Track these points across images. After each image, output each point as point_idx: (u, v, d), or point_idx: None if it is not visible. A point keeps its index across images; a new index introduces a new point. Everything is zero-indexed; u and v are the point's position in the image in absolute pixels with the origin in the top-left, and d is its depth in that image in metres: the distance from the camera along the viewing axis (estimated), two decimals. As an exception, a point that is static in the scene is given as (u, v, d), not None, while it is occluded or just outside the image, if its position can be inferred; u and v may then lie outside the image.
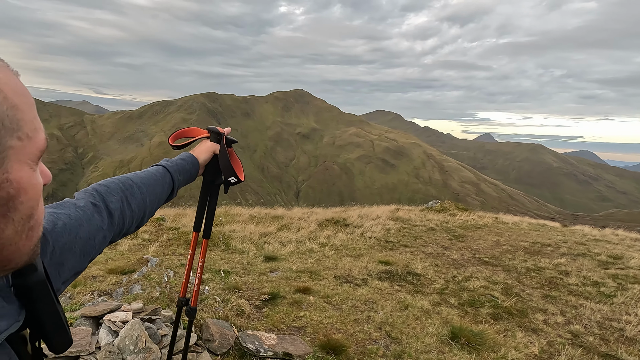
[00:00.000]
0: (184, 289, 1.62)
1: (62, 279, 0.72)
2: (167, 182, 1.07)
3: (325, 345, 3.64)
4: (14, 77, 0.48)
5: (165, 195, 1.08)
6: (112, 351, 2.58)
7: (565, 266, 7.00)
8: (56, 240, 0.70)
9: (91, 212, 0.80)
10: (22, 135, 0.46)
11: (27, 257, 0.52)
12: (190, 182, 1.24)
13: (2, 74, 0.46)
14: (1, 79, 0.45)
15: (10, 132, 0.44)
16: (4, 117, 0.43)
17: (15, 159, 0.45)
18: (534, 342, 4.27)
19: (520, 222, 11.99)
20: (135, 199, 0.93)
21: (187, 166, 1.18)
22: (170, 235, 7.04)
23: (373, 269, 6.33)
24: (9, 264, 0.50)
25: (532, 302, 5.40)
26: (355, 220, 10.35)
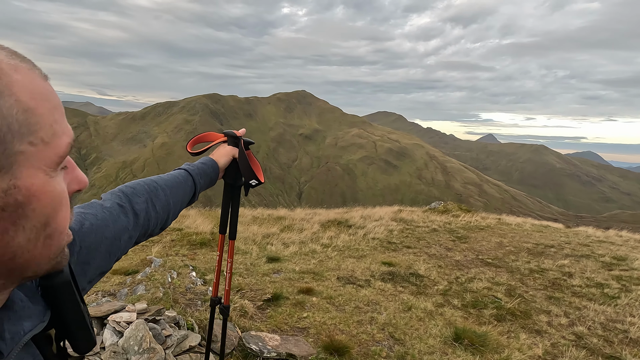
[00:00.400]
0: (215, 289, 1.66)
1: (88, 278, 0.73)
2: (189, 185, 1.09)
3: (329, 346, 3.65)
4: (38, 79, 0.47)
5: (187, 198, 1.10)
6: (117, 351, 2.59)
7: (569, 267, 6.98)
8: (83, 240, 0.71)
9: (117, 213, 0.82)
10: (35, 140, 0.44)
11: (47, 266, 0.51)
12: (211, 186, 1.26)
13: (21, 76, 0.44)
14: (18, 81, 0.44)
15: (20, 136, 0.43)
16: (12, 121, 0.42)
17: (27, 165, 0.44)
18: (537, 343, 4.26)
19: (524, 223, 11.97)
20: (160, 201, 0.94)
21: (208, 170, 1.20)
22: (174, 236, 7.06)
23: (376, 270, 6.32)
24: (25, 272, 0.49)
25: (536, 303, 5.38)
26: (357, 221, 10.36)
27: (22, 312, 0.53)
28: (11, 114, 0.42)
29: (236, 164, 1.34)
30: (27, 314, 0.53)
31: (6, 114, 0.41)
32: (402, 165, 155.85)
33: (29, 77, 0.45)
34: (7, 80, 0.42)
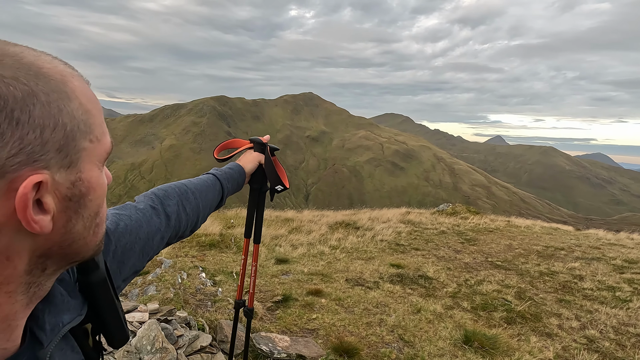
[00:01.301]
0: (239, 292, 1.69)
1: (122, 276, 0.77)
2: (217, 189, 1.13)
3: (338, 348, 3.65)
4: (86, 85, 0.52)
5: (215, 202, 1.13)
6: (130, 351, 2.62)
7: (580, 270, 6.91)
8: (118, 240, 0.75)
9: (150, 214, 0.86)
10: (93, 138, 0.50)
11: (92, 251, 0.55)
12: (237, 190, 1.29)
13: (78, 83, 0.50)
14: (77, 87, 0.49)
15: (84, 135, 0.49)
16: (79, 121, 0.48)
17: (87, 160, 0.50)
18: (548, 346, 4.22)
19: (533, 226, 11.87)
20: (190, 204, 0.98)
21: (235, 175, 1.24)
22: (183, 238, 7.11)
23: (384, 272, 6.32)
24: (76, 257, 0.53)
25: (546, 306, 5.34)
26: (365, 223, 10.34)
27: (62, 305, 0.57)
28: (78, 115, 0.48)
29: (262, 170, 1.38)
30: (66, 307, 0.57)
31: (75, 115, 0.47)
32: (409, 167, 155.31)
33: (82, 83, 0.51)
34: (72, 86, 0.48)
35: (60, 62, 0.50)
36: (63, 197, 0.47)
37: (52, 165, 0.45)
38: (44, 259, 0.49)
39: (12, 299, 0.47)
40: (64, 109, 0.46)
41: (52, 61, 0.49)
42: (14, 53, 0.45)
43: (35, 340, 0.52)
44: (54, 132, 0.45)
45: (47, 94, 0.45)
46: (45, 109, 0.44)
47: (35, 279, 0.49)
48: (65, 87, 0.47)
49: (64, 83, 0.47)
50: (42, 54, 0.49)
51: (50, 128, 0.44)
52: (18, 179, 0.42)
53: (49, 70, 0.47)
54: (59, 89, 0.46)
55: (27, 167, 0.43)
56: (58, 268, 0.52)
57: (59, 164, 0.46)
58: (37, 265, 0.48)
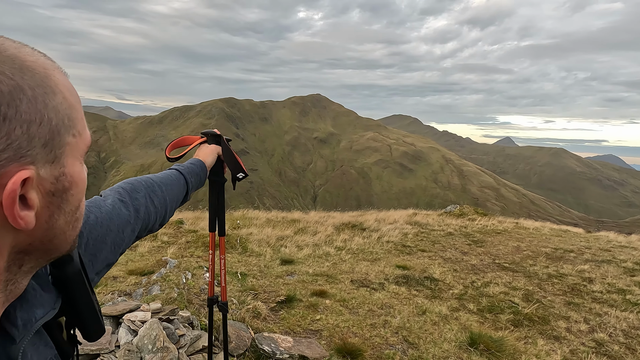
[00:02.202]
0: (211, 288, 1.69)
1: (95, 270, 0.76)
2: (182, 184, 1.13)
3: (342, 349, 3.63)
4: (67, 78, 0.52)
5: (181, 196, 1.13)
6: (131, 350, 2.63)
7: (589, 273, 6.81)
8: (90, 233, 0.75)
9: (119, 207, 0.85)
10: (75, 132, 0.50)
11: (69, 246, 0.55)
12: (200, 186, 1.30)
13: (60, 76, 0.50)
14: (60, 80, 0.49)
15: (68, 129, 0.49)
16: (64, 115, 0.48)
17: (70, 154, 0.50)
18: (556, 350, 4.16)
19: (542, 228, 11.73)
20: (157, 197, 0.98)
21: (197, 170, 1.24)
22: (189, 238, 7.13)
23: (390, 273, 6.27)
24: (55, 252, 0.53)
25: (554, 309, 5.26)
26: (372, 224, 10.30)
27: (34, 300, 0.55)
28: (63, 109, 0.48)
29: (219, 162, 1.38)
30: (39, 302, 0.56)
31: (59, 109, 0.47)
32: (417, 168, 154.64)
33: (63, 76, 0.51)
34: (55, 80, 0.48)
35: (41, 55, 0.49)
36: (47, 192, 0.47)
37: (37, 160, 0.45)
38: (22, 255, 0.48)
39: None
40: (49, 103, 0.46)
41: (33, 53, 0.48)
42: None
43: (7, 336, 0.50)
44: (40, 127, 0.44)
45: (32, 89, 0.44)
46: (32, 103, 0.44)
47: (12, 276, 0.48)
48: (49, 80, 0.47)
49: (48, 77, 0.47)
50: (22, 45, 0.48)
51: (36, 123, 0.44)
52: (5, 175, 0.42)
53: (32, 64, 0.46)
54: (43, 83, 0.46)
55: (14, 163, 0.42)
56: (36, 265, 0.52)
57: (44, 159, 0.45)
58: (15, 261, 0.48)
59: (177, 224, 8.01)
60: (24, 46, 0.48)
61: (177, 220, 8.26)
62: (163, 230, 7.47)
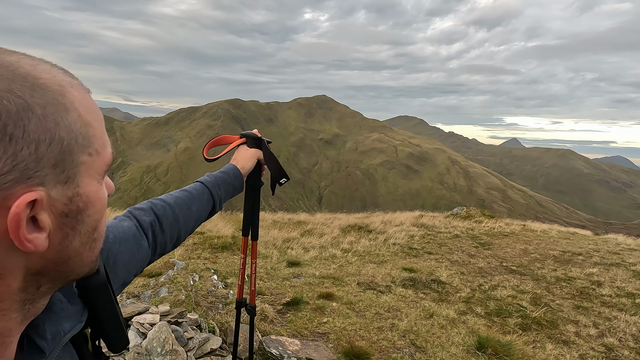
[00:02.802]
0: (240, 291, 1.68)
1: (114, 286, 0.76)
2: (205, 198, 1.09)
3: (349, 352, 3.62)
4: (87, 94, 0.51)
5: (205, 212, 1.09)
6: (140, 352, 2.64)
7: (598, 276, 6.74)
8: (110, 250, 0.75)
9: (134, 230, 0.85)
10: (92, 151, 0.48)
11: (88, 268, 0.54)
12: (236, 194, 1.25)
13: (77, 93, 0.48)
14: (77, 97, 0.48)
15: (83, 148, 0.47)
16: (77, 134, 0.46)
17: (86, 174, 0.48)
18: (565, 354, 4.12)
19: (550, 230, 11.65)
20: (167, 219, 0.95)
21: (229, 179, 1.18)
22: (196, 240, 7.17)
23: (397, 275, 6.26)
24: (72, 274, 0.52)
25: (563, 312, 5.22)
26: (378, 226, 10.28)
27: (62, 313, 0.56)
28: (77, 128, 0.46)
29: (257, 166, 1.34)
30: (66, 315, 0.56)
31: (73, 128, 0.45)
32: (423, 170, 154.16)
33: (82, 93, 0.49)
34: (71, 97, 0.46)
35: (60, 71, 0.48)
36: (59, 213, 0.45)
37: (47, 181, 0.43)
38: (38, 277, 0.47)
39: (7, 316, 0.46)
40: (61, 122, 0.44)
41: (51, 70, 0.47)
42: (9, 63, 0.43)
43: (36, 349, 0.51)
44: (50, 147, 0.43)
45: (43, 107, 0.42)
46: (41, 122, 0.42)
47: (29, 297, 0.48)
48: (63, 98, 0.45)
49: (62, 94, 0.45)
50: (41, 62, 0.47)
51: (45, 143, 0.42)
52: (11, 197, 0.40)
53: (47, 81, 0.45)
54: (56, 101, 0.44)
55: (21, 185, 0.41)
56: (53, 286, 0.51)
57: (55, 179, 0.44)
58: (32, 283, 0.47)
59: (184, 226, 8.05)
60: (43, 63, 0.47)
61: (184, 222, 8.30)
62: (170, 231, 7.50)
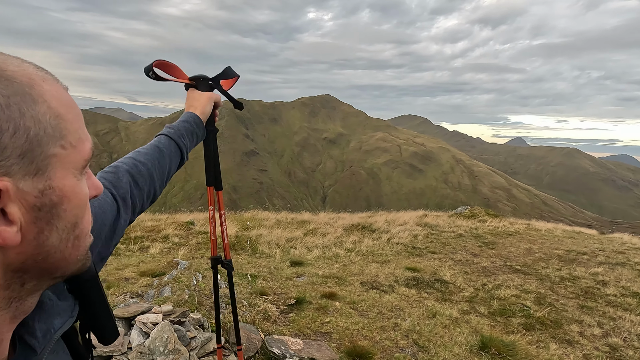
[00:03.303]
0: (213, 247, 1.61)
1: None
2: (172, 150, 1.07)
3: (351, 352, 3.63)
4: (62, 89, 0.50)
5: (175, 164, 1.08)
6: (143, 352, 2.66)
7: (603, 276, 6.71)
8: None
9: (109, 200, 0.83)
10: (65, 143, 0.47)
11: (75, 266, 0.53)
12: (199, 142, 1.23)
13: (49, 86, 0.48)
14: (48, 90, 0.47)
15: (54, 140, 0.46)
16: (47, 125, 0.45)
17: (59, 167, 0.47)
18: (568, 354, 4.11)
19: (554, 229, 11.58)
20: (143, 177, 0.95)
21: (191, 127, 1.15)
22: (199, 239, 7.19)
23: (400, 275, 6.25)
24: (56, 271, 0.51)
25: (567, 312, 5.20)
26: (381, 225, 10.27)
27: (51, 310, 0.56)
28: (45, 119, 0.45)
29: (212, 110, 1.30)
30: (56, 312, 0.56)
31: (42, 119, 0.45)
32: (427, 169, 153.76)
33: (55, 87, 0.49)
34: (39, 89, 0.46)
35: (31, 66, 0.48)
36: (31, 206, 0.44)
37: (14, 172, 0.42)
38: (20, 274, 0.47)
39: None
40: (27, 112, 0.43)
41: (21, 64, 0.47)
42: None
43: (27, 347, 0.51)
44: (14, 137, 0.42)
45: (6, 97, 0.42)
46: (4, 112, 0.42)
47: (15, 294, 0.47)
48: (31, 90, 0.45)
49: (30, 86, 0.45)
50: (10, 57, 0.47)
51: (9, 132, 0.42)
52: None
53: (14, 73, 0.45)
54: (22, 92, 0.44)
55: None
56: (39, 283, 0.50)
57: (23, 170, 0.43)
58: (14, 280, 0.46)
59: (187, 225, 8.08)
60: (12, 58, 0.47)
61: (188, 222, 8.33)
62: (174, 231, 7.53)
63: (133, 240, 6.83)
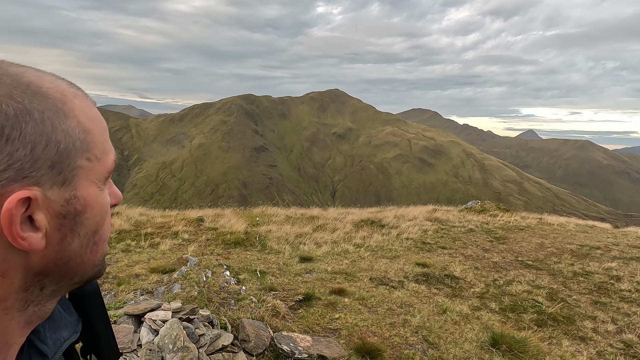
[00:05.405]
0: None
1: None
2: None
3: (361, 349, 3.61)
4: (91, 105, 0.54)
5: None
6: (152, 349, 2.67)
7: (617, 271, 6.59)
8: None
9: None
10: (91, 156, 0.51)
11: (91, 271, 0.56)
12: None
13: (79, 102, 0.52)
14: (78, 105, 0.51)
15: (81, 153, 0.50)
16: (75, 139, 0.49)
17: (84, 178, 0.50)
18: (582, 351, 4.05)
19: (567, 224, 11.42)
20: None
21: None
22: (209, 236, 7.23)
23: (409, 271, 6.22)
24: (74, 276, 0.54)
25: (580, 308, 5.12)
26: (391, 221, 10.22)
27: (60, 321, 0.59)
28: (75, 133, 0.49)
29: None
30: (64, 324, 0.60)
31: (71, 133, 0.49)
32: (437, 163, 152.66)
33: (85, 102, 0.53)
34: (71, 105, 0.50)
35: (64, 82, 0.52)
36: (57, 214, 0.48)
37: (43, 182, 0.46)
38: (41, 277, 0.50)
39: (9, 315, 0.48)
40: (59, 126, 0.47)
41: (55, 81, 0.50)
42: (15, 73, 0.47)
43: (37, 352, 0.54)
44: (46, 149, 0.46)
45: (41, 112, 0.46)
46: (38, 126, 0.45)
47: (33, 298, 0.50)
48: (63, 105, 0.49)
49: (63, 102, 0.49)
50: (46, 74, 0.50)
51: (42, 145, 0.45)
52: (5, 195, 0.43)
53: (48, 90, 0.48)
54: (55, 107, 0.48)
55: (16, 183, 0.44)
56: (58, 288, 0.53)
57: (51, 180, 0.47)
58: (34, 283, 0.49)
59: (197, 222, 8.12)
60: (48, 75, 0.50)
61: (198, 218, 8.37)
62: (184, 228, 7.58)
63: (144, 236, 6.89)
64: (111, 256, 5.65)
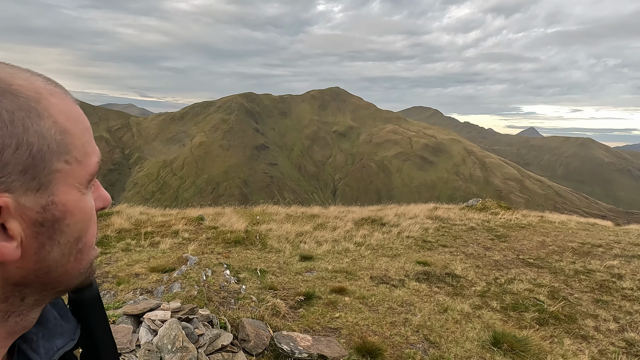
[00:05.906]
0: None
1: None
2: None
3: (361, 348, 3.59)
4: (71, 103, 0.50)
5: None
6: (151, 350, 2.66)
7: (619, 268, 6.57)
8: None
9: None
10: (70, 159, 0.47)
11: (77, 279, 0.53)
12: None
13: (56, 100, 0.48)
14: (55, 104, 0.47)
15: (58, 155, 0.46)
16: (51, 141, 0.45)
17: (63, 182, 0.47)
18: (583, 349, 4.03)
19: (568, 221, 11.39)
20: None
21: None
22: (209, 234, 7.21)
23: (410, 269, 6.20)
24: (58, 286, 0.51)
25: (582, 307, 5.10)
26: (392, 219, 10.20)
27: (55, 329, 0.57)
28: (50, 134, 0.45)
29: None
30: (59, 332, 0.57)
31: (46, 135, 0.45)
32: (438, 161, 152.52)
33: (63, 101, 0.49)
34: (46, 104, 0.46)
35: (40, 78, 0.48)
36: (32, 222, 0.45)
37: (15, 187, 0.43)
38: (21, 288, 0.47)
39: None
40: (31, 127, 0.44)
41: (29, 78, 0.47)
42: None
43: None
44: (16, 153, 0.42)
45: (11, 112, 0.42)
46: (7, 127, 0.42)
47: (14, 308, 0.48)
48: (37, 104, 0.45)
49: (37, 100, 0.45)
50: (21, 70, 0.47)
51: (11, 148, 0.42)
52: None
53: (21, 87, 0.45)
54: (27, 107, 0.44)
55: None
56: (41, 297, 0.50)
57: (24, 186, 0.43)
58: (14, 293, 0.47)
59: (197, 221, 8.11)
60: (22, 71, 0.47)
61: (198, 217, 8.36)
62: (184, 227, 7.57)
63: (144, 235, 6.88)
64: (111, 255, 5.64)
